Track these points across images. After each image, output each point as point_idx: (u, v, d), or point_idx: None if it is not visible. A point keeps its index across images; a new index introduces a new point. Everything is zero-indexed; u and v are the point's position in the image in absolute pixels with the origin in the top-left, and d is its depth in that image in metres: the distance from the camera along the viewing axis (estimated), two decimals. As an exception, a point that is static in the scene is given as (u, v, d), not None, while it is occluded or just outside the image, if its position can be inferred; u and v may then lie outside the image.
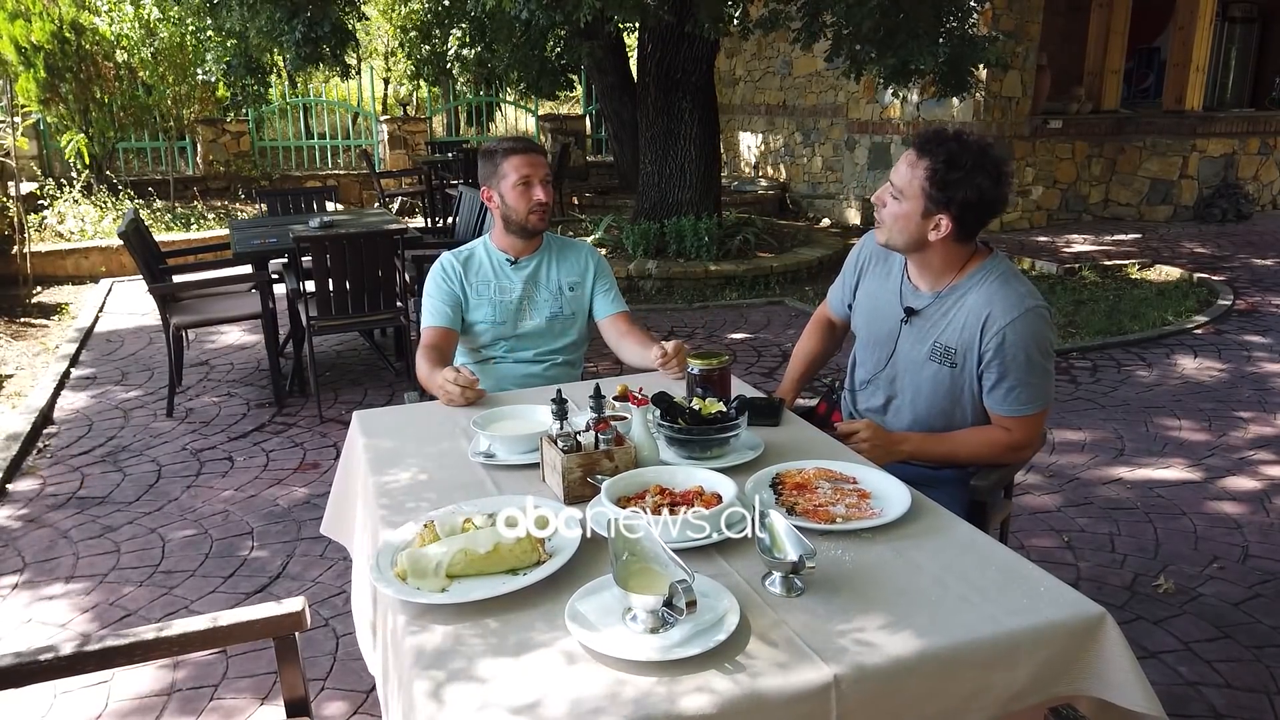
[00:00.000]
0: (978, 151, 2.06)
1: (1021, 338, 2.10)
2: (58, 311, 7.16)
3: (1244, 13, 12.16)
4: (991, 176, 2.06)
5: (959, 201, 2.06)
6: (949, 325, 2.20)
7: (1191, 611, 2.95)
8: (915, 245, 2.17)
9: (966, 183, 2.04)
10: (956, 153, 2.05)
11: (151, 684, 2.69)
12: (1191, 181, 10.24)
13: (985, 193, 2.06)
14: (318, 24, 6.74)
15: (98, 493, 3.98)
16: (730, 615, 1.39)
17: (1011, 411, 2.18)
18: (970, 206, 2.07)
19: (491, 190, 2.76)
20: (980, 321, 2.14)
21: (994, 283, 2.16)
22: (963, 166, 2.04)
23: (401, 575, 1.54)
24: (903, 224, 2.14)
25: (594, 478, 1.82)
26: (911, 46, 5.80)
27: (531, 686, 1.28)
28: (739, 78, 12.87)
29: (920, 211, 2.10)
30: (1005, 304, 2.11)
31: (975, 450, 2.24)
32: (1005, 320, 2.10)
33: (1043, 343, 2.14)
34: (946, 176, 2.05)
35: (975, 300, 2.16)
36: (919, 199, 2.10)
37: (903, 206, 2.13)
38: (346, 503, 2.34)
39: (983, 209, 2.09)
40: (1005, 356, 2.11)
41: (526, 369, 2.82)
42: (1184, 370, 5.37)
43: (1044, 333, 2.14)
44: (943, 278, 2.23)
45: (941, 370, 2.23)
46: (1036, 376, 2.14)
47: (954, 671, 1.35)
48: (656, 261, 7.54)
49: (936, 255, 2.19)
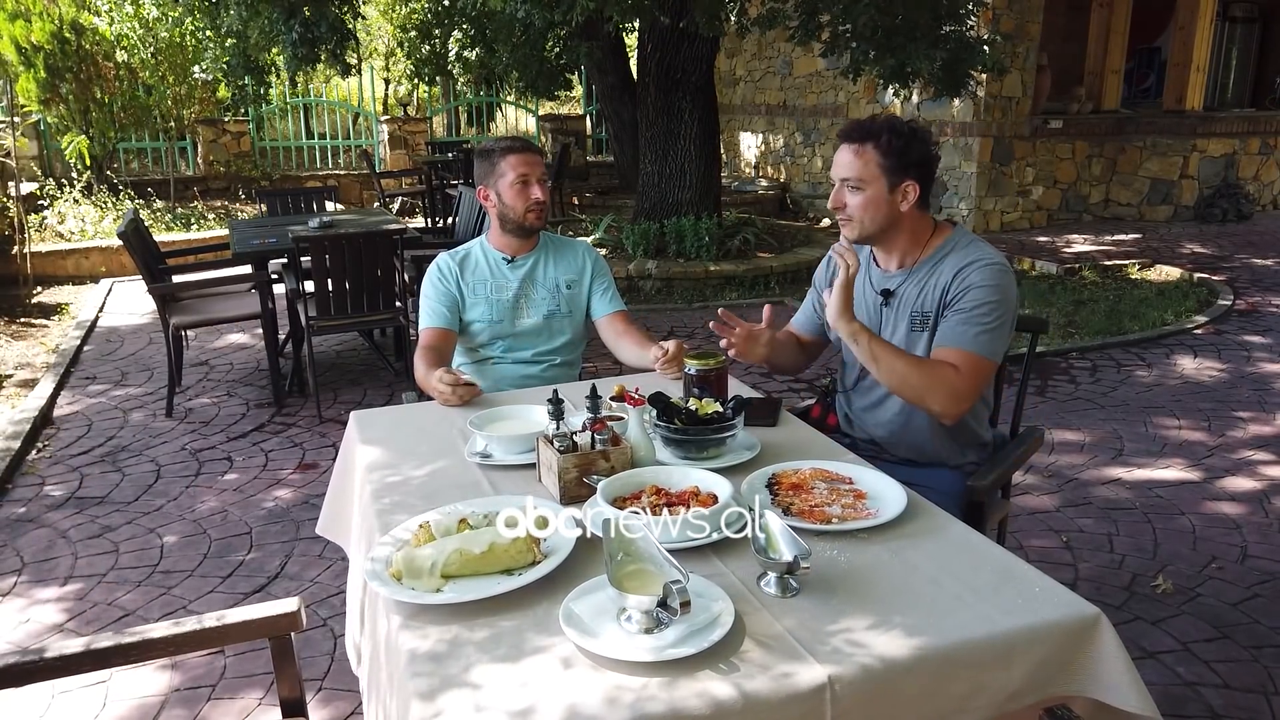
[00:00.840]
0: (903, 123, 2.21)
1: (985, 282, 2.16)
2: (58, 311, 7.17)
3: (1245, 12, 12.16)
4: (925, 138, 2.21)
5: (915, 163, 2.18)
6: (922, 295, 2.26)
7: (1190, 612, 2.94)
8: (888, 224, 2.24)
9: (914, 145, 2.18)
10: (894, 124, 2.19)
11: (149, 684, 2.69)
12: (1192, 181, 10.23)
13: (929, 151, 2.21)
14: (314, 24, 6.74)
15: (96, 493, 3.98)
16: (725, 616, 1.39)
17: (958, 343, 2.14)
18: (926, 163, 2.20)
19: (489, 190, 2.77)
20: (949, 279, 2.21)
21: (964, 248, 2.24)
22: (904, 133, 2.18)
23: (396, 575, 1.54)
24: (873, 209, 2.21)
25: (590, 478, 1.82)
26: (909, 48, 5.80)
27: (526, 688, 1.28)
28: (739, 78, 12.87)
29: (887, 188, 2.20)
30: (975, 260, 2.20)
31: (921, 376, 2.12)
32: (973, 270, 2.18)
33: (1004, 294, 2.17)
34: (897, 145, 2.17)
35: (948, 264, 2.23)
36: (880, 178, 2.19)
37: (867, 193, 2.20)
38: (343, 503, 2.34)
39: (933, 166, 2.24)
40: (965, 295, 2.17)
41: (524, 369, 2.82)
42: (1183, 370, 5.36)
43: (1007, 284, 2.19)
44: (911, 252, 2.30)
45: (921, 338, 2.26)
46: (991, 321, 2.15)
47: (949, 672, 1.35)
48: (656, 261, 7.54)
49: (906, 230, 2.27)
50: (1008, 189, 9.82)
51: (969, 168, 9.58)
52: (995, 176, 9.68)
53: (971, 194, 9.61)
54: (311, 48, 6.87)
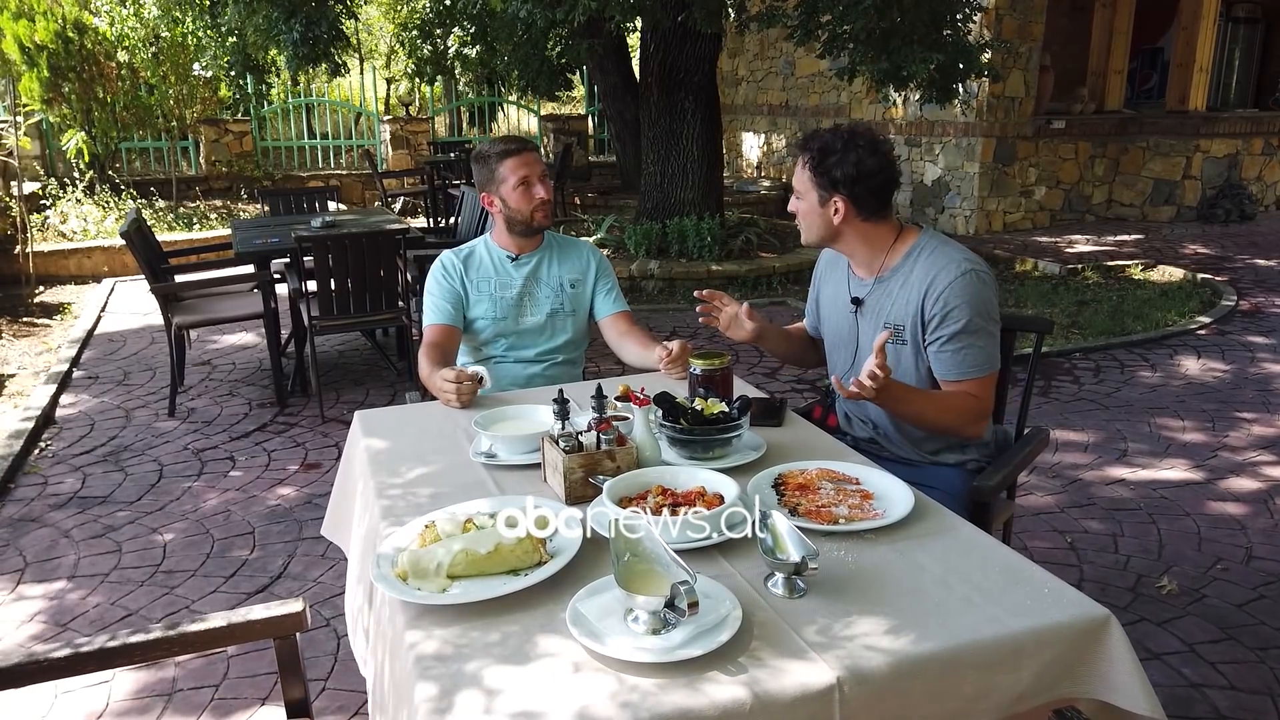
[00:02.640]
0: (847, 134, 2.21)
1: (964, 299, 2.15)
2: (60, 311, 7.17)
3: (1247, 13, 12.15)
4: (865, 150, 2.19)
5: (842, 180, 2.19)
6: (894, 305, 2.26)
7: (1195, 613, 2.93)
8: (829, 235, 2.29)
9: (842, 161, 2.18)
10: (829, 140, 2.20)
11: (152, 684, 2.69)
12: (1195, 182, 10.22)
13: (863, 165, 2.17)
14: (315, 24, 6.74)
15: (99, 492, 3.97)
16: (732, 616, 1.38)
17: (966, 374, 2.19)
18: (854, 181, 2.18)
19: (492, 195, 2.76)
20: (922, 292, 2.20)
21: (932, 255, 2.23)
22: (835, 149, 2.18)
23: (402, 576, 1.53)
24: (810, 219, 2.28)
25: (595, 478, 1.81)
26: (904, 52, 5.80)
27: (533, 689, 1.27)
28: (742, 78, 12.86)
29: (817, 201, 2.24)
30: (944, 269, 2.18)
31: (945, 413, 2.23)
32: (945, 283, 2.16)
33: (986, 304, 2.18)
34: (824, 162, 2.19)
35: (916, 275, 2.23)
36: (812, 190, 2.24)
37: (804, 203, 2.28)
38: (346, 504, 2.33)
39: (870, 180, 2.19)
40: (951, 319, 2.16)
41: (527, 368, 2.81)
42: (1187, 371, 5.35)
43: (985, 294, 2.19)
44: (875, 260, 2.31)
45: (895, 350, 2.26)
46: (983, 339, 2.18)
47: (957, 673, 1.34)
48: (659, 262, 7.54)
49: (855, 240, 2.29)
50: (1010, 189, 9.81)
51: (971, 168, 9.57)
52: (998, 176, 9.67)
53: (974, 194, 9.60)
54: (313, 47, 6.88)
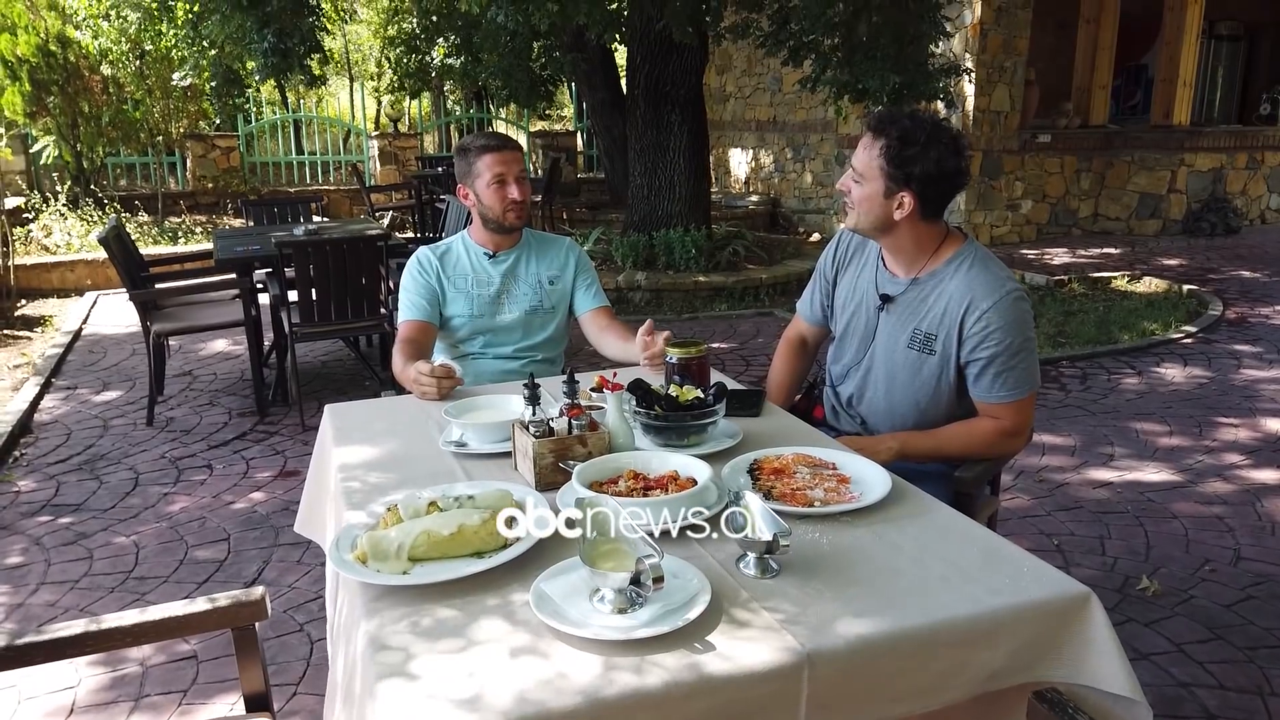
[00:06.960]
0: (932, 126, 2.05)
1: (1005, 322, 2.07)
2: (41, 323, 7.10)
3: (1230, 30, 12.27)
4: (948, 148, 2.04)
5: (918, 176, 2.04)
6: (929, 312, 2.17)
7: (1183, 613, 2.89)
8: (883, 227, 2.14)
9: (923, 157, 2.03)
10: (910, 129, 2.03)
11: (118, 688, 2.62)
12: (1180, 196, 10.27)
13: (944, 165, 2.04)
14: (288, 34, 6.73)
15: (72, 500, 3.90)
16: (701, 595, 1.34)
17: (1002, 398, 2.14)
18: (930, 180, 2.05)
19: (467, 188, 2.73)
20: (962, 308, 2.11)
21: (973, 269, 2.13)
22: (917, 141, 2.03)
23: (362, 558, 1.48)
24: (867, 206, 2.12)
25: (566, 463, 1.77)
26: (865, 66, 5.83)
27: (494, 669, 1.22)
28: (729, 94, 12.91)
29: (882, 191, 2.08)
30: (986, 289, 2.09)
31: (964, 444, 2.19)
32: (987, 305, 2.07)
33: (1025, 326, 2.11)
34: (902, 153, 2.03)
35: (955, 287, 2.13)
36: (879, 179, 2.08)
37: (865, 189, 2.11)
38: (319, 498, 2.28)
39: (943, 182, 2.08)
40: (991, 342, 2.08)
41: (505, 365, 2.77)
42: (1173, 378, 5.34)
43: (1026, 316, 2.12)
44: (916, 261, 2.20)
45: (919, 358, 2.19)
46: (1023, 360, 2.11)
47: (931, 650, 1.29)
48: (646, 273, 7.51)
49: (906, 237, 2.16)
50: (996, 203, 9.83)
51: (958, 181, 9.59)
52: (984, 190, 9.69)
53: (960, 207, 9.62)
54: (284, 57, 6.87)
